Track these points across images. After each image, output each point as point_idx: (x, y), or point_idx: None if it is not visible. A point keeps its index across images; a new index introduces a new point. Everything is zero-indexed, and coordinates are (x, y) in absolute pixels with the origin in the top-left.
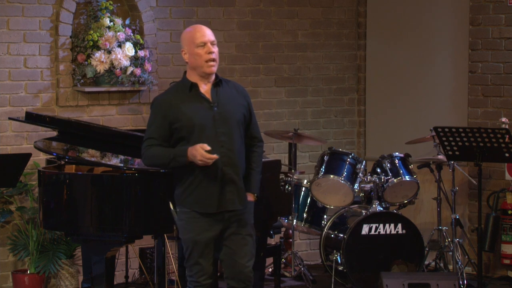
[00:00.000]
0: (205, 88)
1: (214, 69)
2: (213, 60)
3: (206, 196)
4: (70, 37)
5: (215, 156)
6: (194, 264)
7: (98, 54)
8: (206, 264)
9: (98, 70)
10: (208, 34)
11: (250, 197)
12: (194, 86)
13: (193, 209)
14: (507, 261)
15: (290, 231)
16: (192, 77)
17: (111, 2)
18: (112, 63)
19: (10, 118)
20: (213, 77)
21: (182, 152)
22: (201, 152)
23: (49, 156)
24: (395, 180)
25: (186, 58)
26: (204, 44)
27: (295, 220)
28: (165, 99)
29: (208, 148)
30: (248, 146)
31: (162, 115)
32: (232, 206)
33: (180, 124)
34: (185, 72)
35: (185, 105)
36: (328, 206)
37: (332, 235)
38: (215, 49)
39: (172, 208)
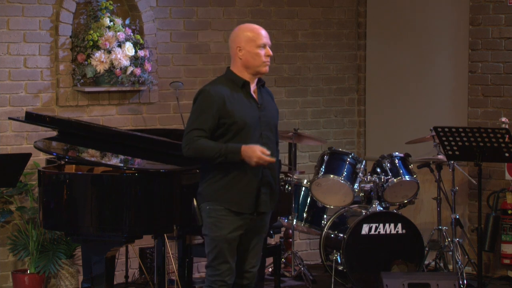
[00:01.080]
0: (252, 89)
1: (268, 70)
2: (268, 61)
3: (243, 195)
4: (70, 37)
5: (273, 159)
6: (223, 262)
7: (98, 54)
8: (233, 263)
9: (98, 70)
10: (267, 36)
11: None
12: (246, 85)
13: (227, 207)
14: (507, 261)
15: (290, 231)
16: (243, 75)
17: (111, 2)
18: (112, 63)
19: (10, 118)
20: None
21: (235, 149)
22: (258, 154)
23: (49, 156)
24: (395, 180)
25: (240, 55)
26: (264, 46)
27: (295, 220)
28: (217, 91)
29: (268, 152)
30: None
31: (214, 107)
32: (266, 208)
33: (232, 120)
34: (228, 67)
35: (237, 102)
36: (328, 206)
37: (332, 235)
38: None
39: (195, 206)
